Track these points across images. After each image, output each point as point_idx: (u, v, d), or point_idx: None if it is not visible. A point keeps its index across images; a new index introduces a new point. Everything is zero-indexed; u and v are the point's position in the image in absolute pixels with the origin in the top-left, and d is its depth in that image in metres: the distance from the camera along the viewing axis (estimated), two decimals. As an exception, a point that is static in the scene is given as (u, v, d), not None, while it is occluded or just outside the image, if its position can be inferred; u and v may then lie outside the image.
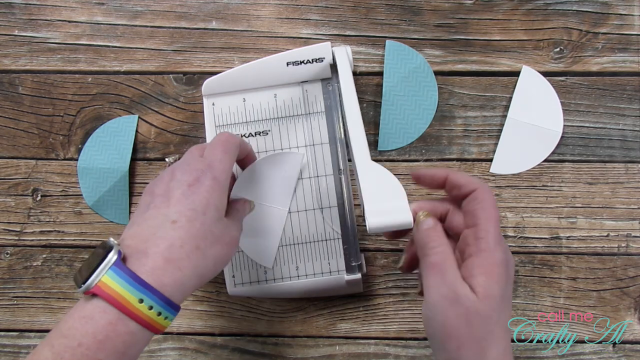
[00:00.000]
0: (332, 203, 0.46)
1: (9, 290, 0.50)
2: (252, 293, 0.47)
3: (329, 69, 0.46)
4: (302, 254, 0.46)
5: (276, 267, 0.46)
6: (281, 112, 0.47)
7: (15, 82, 0.50)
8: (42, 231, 0.50)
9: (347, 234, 0.46)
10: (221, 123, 0.46)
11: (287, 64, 0.46)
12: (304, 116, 0.46)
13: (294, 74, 0.46)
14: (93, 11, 0.50)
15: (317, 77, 0.46)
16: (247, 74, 0.46)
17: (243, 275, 0.46)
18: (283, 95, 0.47)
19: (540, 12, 0.49)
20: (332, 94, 0.46)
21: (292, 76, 0.46)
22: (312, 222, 0.46)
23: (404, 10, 0.49)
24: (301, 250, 0.46)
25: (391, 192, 0.37)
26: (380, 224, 0.35)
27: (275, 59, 0.46)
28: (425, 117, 0.48)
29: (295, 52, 0.46)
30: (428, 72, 0.48)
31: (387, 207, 0.36)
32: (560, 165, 0.48)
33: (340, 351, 0.49)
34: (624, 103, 0.48)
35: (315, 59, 0.45)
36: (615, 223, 0.48)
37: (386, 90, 0.48)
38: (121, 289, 0.31)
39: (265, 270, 0.46)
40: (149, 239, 0.33)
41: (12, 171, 0.50)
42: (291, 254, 0.46)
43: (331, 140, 0.46)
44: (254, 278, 0.46)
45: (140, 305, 0.31)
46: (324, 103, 0.46)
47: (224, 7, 0.49)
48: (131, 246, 0.33)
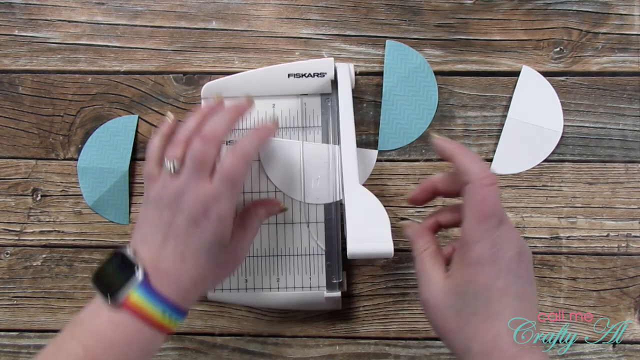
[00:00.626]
0: (319, 218, 0.46)
1: (9, 290, 0.50)
2: (231, 300, 0.47)
3: (329, 84, 0.46)
4: (284, 266, 0.46)
5: (257, 277, 0.46)
6: (278, 123, 0.47)
7: (15, 82, 0.50)
8: (42, 231, 0.50)
9: (331, 251, 0.46)
10: None
11: (288, 76, 0.45)
12: (300, 129, 0.46)
13: (294, 86, 0.46)
14: (93, 11, 0.50)
15: (317, 91, 0.46)
16: (247, 81, 0.46)
17: (224, 281, 0.46)
18: (281, 106, 0.47)
19: (540, 12, 0.49)
20: (331, 109, 0.46)
21: (292, 88, 0.46)
22: (297, 235, 0.46)
23: (404, 10, 0.49)
24: (284, 263, 0.46)
25: (376, 219, 0.38)
26: (360, 251, 0.37)
27: (277, 69, 0.46)
28: (425, 117, 0.48)
29: (297, 64, 0.46)
30: (428, 72, 0.48)
31: (369, 234, 0.37)
32: (560, 165, 0.48)
33: (340, 351, 0.49)
34: (624, 103, 0.48)
35: (317, 73, 0.45)
36: (615, 223, 0.48)
37: (386, 90, 0.48)
38: (149, 306, 0.35)
39: (245, 279, 0.46)
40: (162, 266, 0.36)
41: (12, 171, 0.50)
42: (273, 265, 0.46)
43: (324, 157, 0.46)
44: (234, 285, 0.46)
45: (163, 318, 0.35)
46: (321, 118, 0.46)
47: (224, 7, 0.49)
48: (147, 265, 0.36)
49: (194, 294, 0.38)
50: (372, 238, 0.37)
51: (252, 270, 0.46)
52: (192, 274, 0.37)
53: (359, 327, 0.49)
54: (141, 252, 0.37)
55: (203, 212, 0.36)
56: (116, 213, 0.49)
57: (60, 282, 0.50)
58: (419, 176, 0.49)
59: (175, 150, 0.38)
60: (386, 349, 0.48)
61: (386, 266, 0.49)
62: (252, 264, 0.46)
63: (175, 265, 0.36)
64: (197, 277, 0.37)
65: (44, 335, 0.50)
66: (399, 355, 0.48)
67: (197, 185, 0.36)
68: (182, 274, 0.36)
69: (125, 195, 0.49)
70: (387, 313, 0.49)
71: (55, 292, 0.50)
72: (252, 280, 0.46)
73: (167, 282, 0.36)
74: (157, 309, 0.35)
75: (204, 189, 0.36)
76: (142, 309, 0.34)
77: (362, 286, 0.49)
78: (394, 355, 0.48)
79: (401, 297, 0.49)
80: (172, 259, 0.36)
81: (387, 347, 0.49)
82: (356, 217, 0.38)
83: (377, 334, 0.49)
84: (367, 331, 0.49)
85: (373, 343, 0.49)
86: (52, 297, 0.50)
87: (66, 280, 0.50)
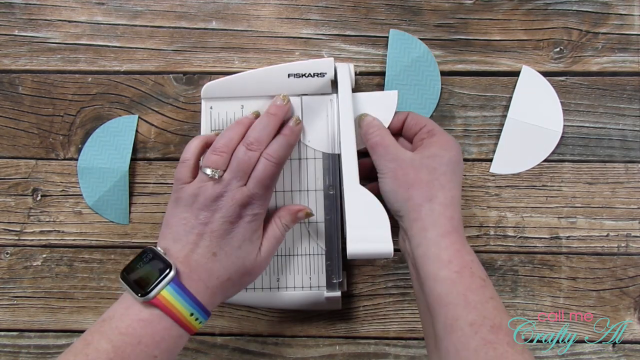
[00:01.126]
0: (319, 219, 0.46)
1: (9, 290, 0.50)
2: (231, 300, 0.47)
3: (329, 84, 0.46)
4: (284, 266, 0.46)
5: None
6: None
7: (15, 82, 0.50)
8: (42, 231, 0.50)
9: (331, 251, 0.46)
10: (218, 127, 0.46)
11: (288, 76, 0.45)
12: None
13: (295, 86, 0.46)
14: (93, 11, 0.50)
15: (317, 91, 0.46)
16: (247, 81, 0.46)
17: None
18: None
19: (540, 12, 0.49)
20: (331, 109, 0.46)
21: (292, 88, 0.46)
22: (297, 235, 0.46)
23: (404, 10, 0.49)
24: (284, 262, 0.46)
25: (375, 219, 0.38)
26: (360, 251, 0.38)
27: (277, 69, 0.46)
28: (427, 106, 0.48)
29: (297, 64, 0.46)
30: (431, 61, 0.48)
31: (369, 235, 0.38)
32: (560, 165, 0.48)
33: (340, 351, 0.49)
34: (624, 103, 0.48)
35: (317, 73, 0.45)
36: (615, 223, 0.48)
37: (389, 79, 0.48)
38: (178, 304, 0.36)
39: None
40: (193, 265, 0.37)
41: (12, 171, 0.50)
42: (273, 265, 0.46)
43: (324, 155, 0.46)
44: None
45: (190, 318, 0.36)
46: (321, 118, 0.46)
47: (224, 7, 0.49)
48: (179, 263, 0.37)
49: (219, 296, 0.39)
50: (372, 238, 0.38)
51: None
52: (221, 274, 0.38)
53: (359, 327, 0.49)
54: (173, 250, 0.38)
55: (238, 213, 0.39)
56: (116, 213, 0.49)
57: (60, 282, 0.50)
58: (419, 176, 0.49)
59: (217, 158, 0.39)
60: (386, 349, 0.49)
61: (386, 266, 0.49)
62: None
63: (206, 264, 0.38)
64: (225, 279, 0.38)
65: (44, 335, 0.50)
66: (398, 355, 0.48)
67: (236, 189, 0.39)
68: (212, 274, 0.38)
69: (125, 195, 0.49)
70: (387, 313, 0.49)
71: (55, 292, 0.50)
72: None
73: (197, 281, 0.37)
74: (186, 308, 0.36)
75: (241, 191, 0.39)
76: (172, 307, 0.35)
77: (362, 286, 0.49)
78: (394, 355, 0.48)
79: (401, 297, 0.49)
80: (204, 257, 0.38)
81: (387, 347, 0.49)
82: (356, 218, 0.39)
83: (377, 334, 0.49)
84: (367, 331, 0.49)
85: (373, 343, 0.49)
86: (52, 297, 0.50)
87: (66, 280, 0.50)
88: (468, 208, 0.48)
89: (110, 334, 0.34)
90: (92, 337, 0.35)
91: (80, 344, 0.35)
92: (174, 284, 0.36)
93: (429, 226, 0.37)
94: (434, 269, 0.36)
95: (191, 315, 0.36)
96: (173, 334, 0.36)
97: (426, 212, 0.38)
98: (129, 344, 0.34)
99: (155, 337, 0.35)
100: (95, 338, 0.34)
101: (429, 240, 0.37)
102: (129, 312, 0.35)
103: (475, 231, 0.48)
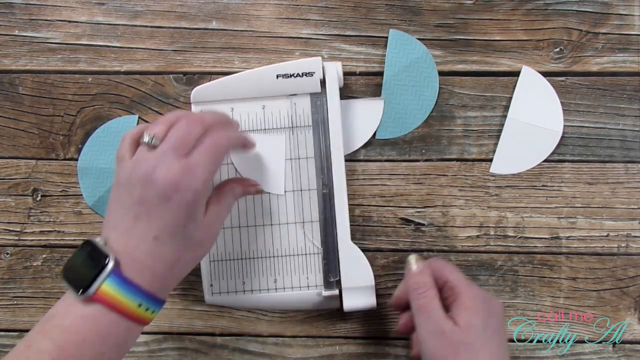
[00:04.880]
0: (314, 218, 0.46)
1: (9, 290, 0.50)
2: (229, 303, 0.47)
3: (318, 83, 0.46)
4: (281, 266, 0.46)
5: (254, 279, 0.46)
6: (269, 124, 0.47)
7: (15, 82, 0.50)
8: (42, 231, 0.50)
9: (327, 249, 0.46)
10: None
11: (277, 76, 0.46)
12: (291, 129, 0.47)
13: (284, 87, 0.46)
14: (93, 11, 0.50)
15: (307, 91, 0.46)
16: (236, 84, 0.46)
17: (221, 284, 0.46)
18: (271, 107, 0.47)
19: (540, 12, 0.49)
20: (321, 108, 0.46)
21: (281, 89, 0.46)
22: (292, 235, 0.46)
23: (404, 10, 0.49)
24: (280, 263, 0.46)
25: (363, 275, 0.45)
26: (353, 306, 0.45)
27: (266, 70, 0.46)
28: (424, 108, 0.48)
29: (285, 65, 0.46)
30: (430, 62, 0.48)
31: (359, 290, 0.45)
32: (560, 165, 0.48)
33: (340, 351, 0.49)
34: (624, 103, 0.48)
35: (305, 73, 0.45)
36: (615, 223, 0.48)
37: (387, 79, 0.48)
38: (122, 296, 0.33)
39: (243, 281, 0.46)
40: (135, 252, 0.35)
41: (12, 171, 0.50)
42: (270, 266, 0.46)
43: (316, 155, 0.46)
44: (232, 288, 0.46)
45: (139, 309, 0.34)
46: (311, 117, 0.46)
47: (224, 7, 0.49)
48: (119, 252, 0.34)
49: (171, 280, 0.37)
50: (361, 294, 0.45)
51: (249, 272, 0.46)
52: (167, 258, 0.35)
53: (359, 327, 0.49)
54: (112, 239, 0.35)
55: (175, 185, 0.34)
56: (116, 213, 0.49)
57: (60, 282, 0.50)
58: (419, 176, 0.49)
59: (156, 127, 0.36)
60: (386, 349, 0.49)
61: (386, 266, 0.49)
62: (248, 266, 0.46)
63: (149, 249, 0.35)
64: (173, 261, 0.35)
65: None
66: (398, 355, 0.48)
67: (172, 161, 0.34)
68: (157, 259, 0.35)
69: (125, 195, 0.49)
70: (387, 313, 0.49)
71: (55, 292, 0.50)
72: (250, 283, 0.46)
73: (142, 269, 0.34)
74: (131, 300, 0.33)
75: (179, 163, 0.34)
76: (115, 301, 0.33)
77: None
78: (393, 355, 0.48)
79: (401, 297, 0.49)
80: (145, 241, 0.34)
81: (387, 347, 0.49)
82: (349, 272, 0.45)
83: (377, 334, 0.49)
84: (367, 331, 0.49)
85: (373, 343, 0.49)
86: (52, 297, 0.50)
87: (66, 280, 0.50)
88: (468, 208, 0.48)
89: (53, 333, 0.33)
90: (34, 338, 0.33)
91: (22, 346, 0.33)
92: (114, 276, 0.33)
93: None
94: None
95: (139, 306, 0.34)
96: (121, 329, 0.34)
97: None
98: (73, 342, 0.32)
99: (100, 333, 0.33)
100: (37, 339, 0.33)
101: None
102: (71, 309, 0.33)
103: (475, 231, 0.48)
